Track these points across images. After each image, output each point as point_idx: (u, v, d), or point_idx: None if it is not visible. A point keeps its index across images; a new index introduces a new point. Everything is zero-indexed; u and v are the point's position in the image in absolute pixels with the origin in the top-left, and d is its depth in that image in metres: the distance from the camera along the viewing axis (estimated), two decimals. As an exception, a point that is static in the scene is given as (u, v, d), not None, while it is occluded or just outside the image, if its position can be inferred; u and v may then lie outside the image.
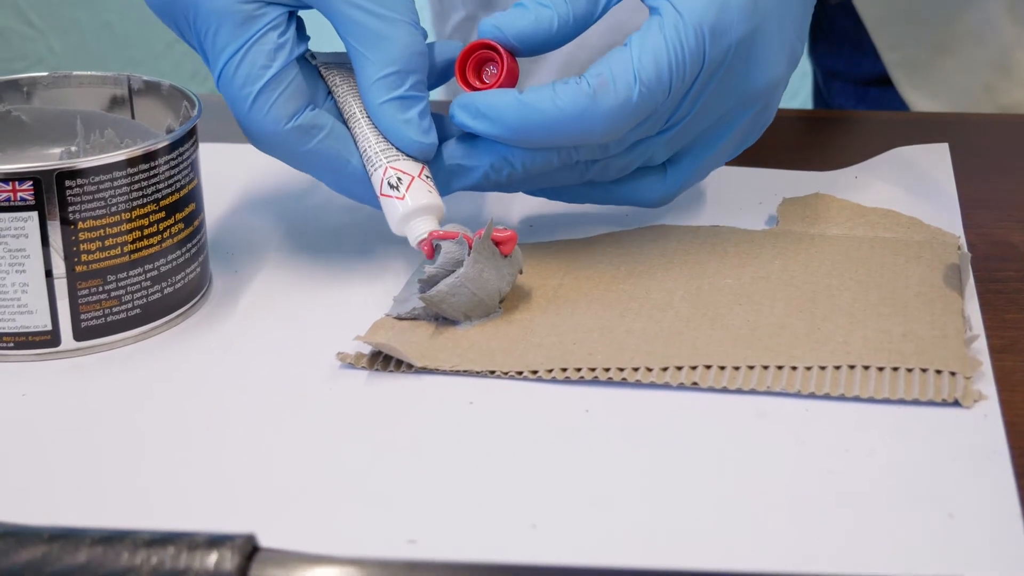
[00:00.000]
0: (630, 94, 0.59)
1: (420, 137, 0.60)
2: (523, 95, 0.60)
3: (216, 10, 0.59)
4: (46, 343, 0.58)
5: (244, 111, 0.60)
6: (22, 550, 0.40)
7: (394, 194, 0.60)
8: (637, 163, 0.64)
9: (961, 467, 0.50)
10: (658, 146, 0.63)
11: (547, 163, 0.62)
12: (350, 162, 0.61)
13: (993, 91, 0.95)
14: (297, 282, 0.65)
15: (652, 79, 0.59)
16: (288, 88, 0.60)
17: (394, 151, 0.61)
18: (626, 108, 0.59)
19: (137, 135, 0.65)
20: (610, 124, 0.60)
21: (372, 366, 0.57)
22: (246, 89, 0.60)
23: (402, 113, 0.60)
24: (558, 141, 0.61)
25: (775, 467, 0.50)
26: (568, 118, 0.59)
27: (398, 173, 0.60)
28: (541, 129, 0.60)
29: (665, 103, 0.60)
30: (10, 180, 0.54)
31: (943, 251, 0.65)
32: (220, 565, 0.40)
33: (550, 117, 0.59)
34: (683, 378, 0.55)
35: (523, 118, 0.60)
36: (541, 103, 0.60)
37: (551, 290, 0.62)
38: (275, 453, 0.52)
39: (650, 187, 0.65)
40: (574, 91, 0.59)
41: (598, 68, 0.60)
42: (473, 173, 0.62)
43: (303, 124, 0.60)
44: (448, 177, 0.63)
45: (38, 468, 0.52)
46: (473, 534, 0.47)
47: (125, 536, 0.41)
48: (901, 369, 0.55)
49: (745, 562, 0.45)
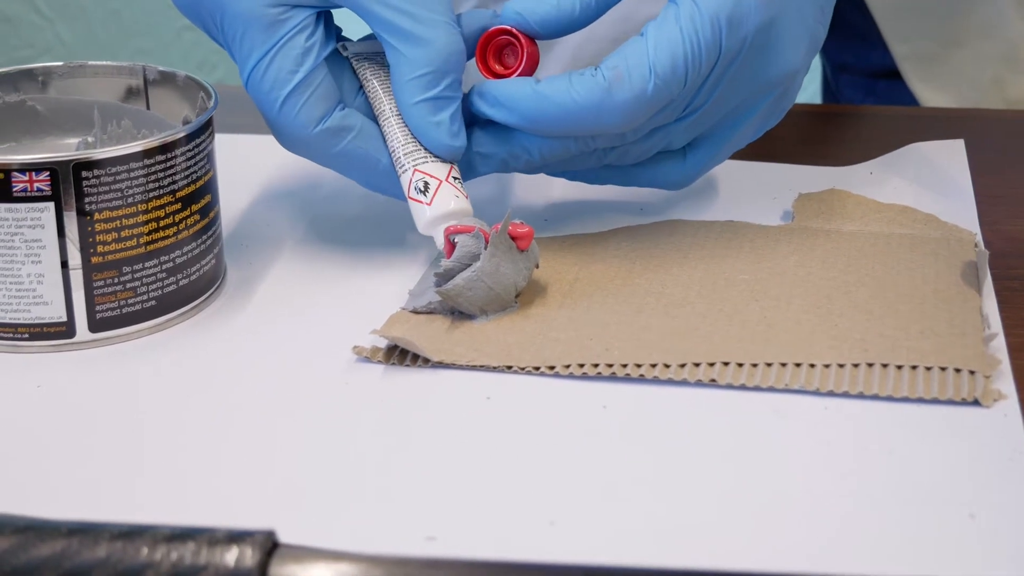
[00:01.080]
0: (645, 87, 0.59)
1: (450, 140, 0.60)
2: (539, 85, 0.60)
3: (242, 14, 0.59)
4: (61, 334, 0.58)
5: (273, 114, 0.60)
6: (41, 544, 0.40)
7: (422, 199, 0.60)
8: (656, 148, 0.64)
9: (981, 467, 0.49)
10: (676, 133, 0.63)
11: (565, 150, 0.62)
12: (380, 161, 0.61)
13: (1001, 84, 0.95)
14: (312, 274, 0.65)
15: (667, 71, 0.59)
16: (316, 91, 0.60)
17: (423, 153, 0.60)
18: (641, 101, 0.59)
19: (153, 126, 0.64)
20: (625, 116, 0.60)
21: (388, 360, 0.57)
22: (274, 94, 0.60)
23: (434, 115, 0.60)
24: (574, 131, 0.61)
25: (793, 465, 0.50)
26: (583, 110, 0.59)
27: (426, 177, 0.60)
28: (557, 119, 0.60)
29: (681, 94, 0.60)
30: (27, 171, 0.54)
31: (960, 248, 0.64)
32: (240, 561, 0.40)
33: (566, 108, 0.60)
34: (700, 375, 0.55)
35: (539, 109, 0.60)
36: (557, 94, 0.60)
37: (567, 285, 0.62)
38: (291, 447, 0.52)
39: (670, 171, 0.66)
40: (589, 83, 0.59)
41: (613, 60, 0.60)
42: (492, 160, 0.63)
43: (332, 127, 0.60)
44: (470, 163, 0.63)
45: (53, 461, 0.52)
46: (491, 531, 0.47)
47: (145, 531, 0.41)
48: (920, 368, 0.55)
49: (763, 561, 0.45)
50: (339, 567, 0.41)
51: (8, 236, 0.55)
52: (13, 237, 0.55)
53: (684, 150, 0.65)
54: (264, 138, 0.73)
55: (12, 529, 0.41)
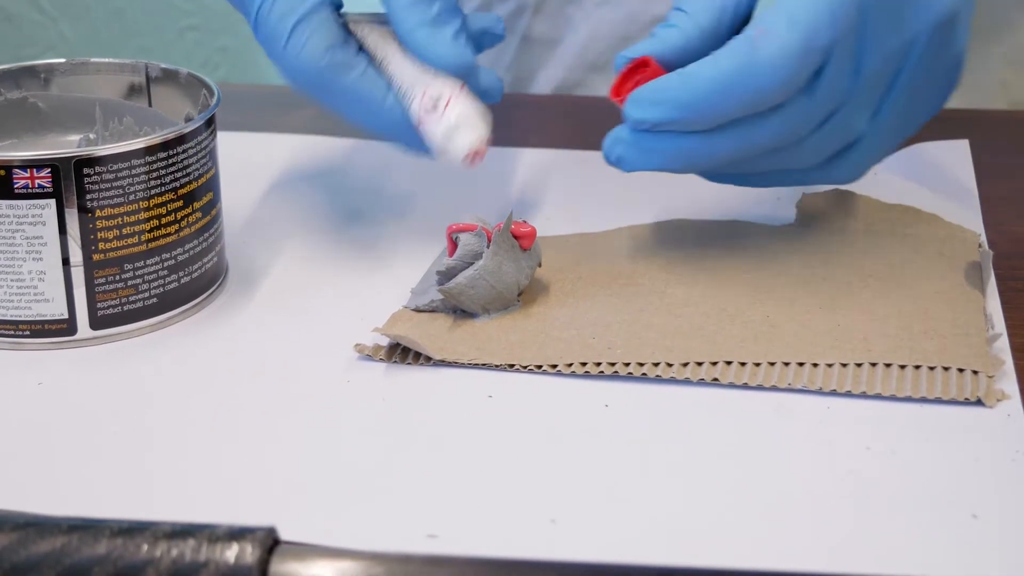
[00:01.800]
0: (791, 37, 0.56)
1: (454, 52, 0.60)
2: (685, 69, 0.58)
3: None
4: (62, 331, 0.58)
5: (281, 46, 0.60)
6: (41, 541, 0.40)
7: (433, 115, 0.59)
8: (833, 144, 0.61)
9: (984, 467, 0.49)
10: (852, 113, 0.60)
11: (734, 149, 0.59)
12: (386, 99, 0.61)
13: (1008, 86, 0.95)
14: (314, 272, 0.65)
15: (810, 17, 0.56)
16: (324, 23, 0.60)
17: (431, 75, 0.60)
18: (789, 52, 0.56)
19: (155, 123, 0.64)
20: (776, 72, 0.56)
21: (390, 358, 0.57)
22: (283, 23, 0.60)
23: (435, 34, 0.60)
24: (730, 108, 0.57)
25: (795, 465, 0.50)
26: (732, 76, 0.57)
27: (436, 94, 0.59)
28: (710, 96, 0.57)
29: (837, 53, 0.57)
30: (28, 167, 0.54)
31: (964, 248, 0.64)
32: (240, 558, 0.40)
33: (713, 80, 0.57)
34: (703, 374, 0.55)
35: (690, 89, 0.57)
36: (701, 70, 0.57)
37: (569, 284, 0.62)
38: (292, 445, 0.52)
39: (841, 161, 0.62)
40: (733, 47, 0.57)
41: (756, 21, 0.57)
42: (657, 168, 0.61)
43: (340, 60, 0.60)
44: None
45: (54, 458, 0.52)
46: (492, 529, 0.47)
47: (145, 528, 0.40)
48: (923, 367, 0.55)
49: (764, 560, 0.45)
50: (340, 564, 0.41)
51: (9, 233, 0.55)
52: (14, 234, 0.55)
53: None
54: (266, 136, 0.73)
55: (12, 526, 0.41)
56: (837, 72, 0.58)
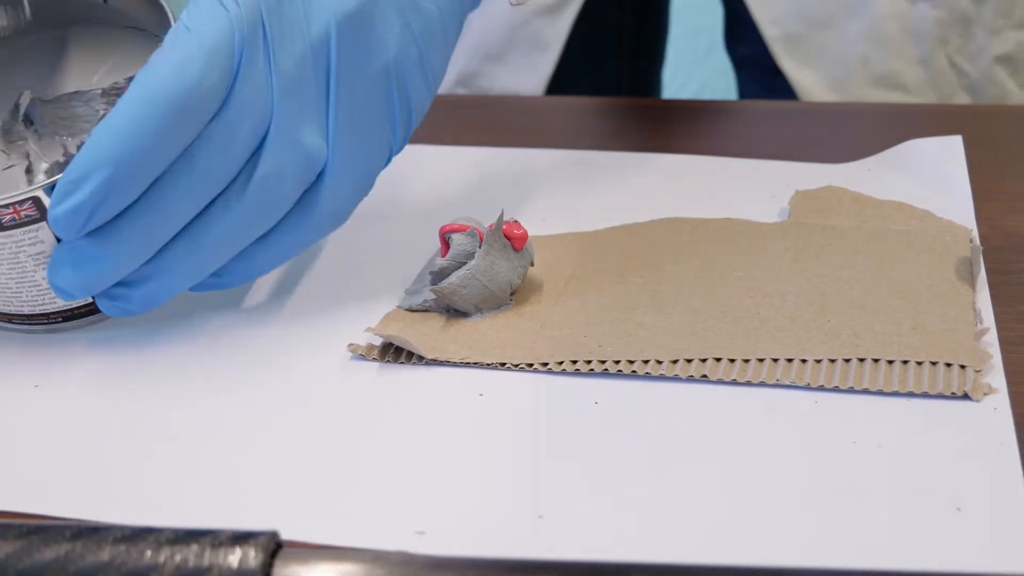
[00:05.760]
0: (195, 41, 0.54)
1: None
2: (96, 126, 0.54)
3: None
4: (91, 312, 0.60)
5: None
6: (46, 548, 0.40)
7: None
8: (292, 179, 0.58)
9: (970, 461, 0.50)
10: (290, 126, 0.57)
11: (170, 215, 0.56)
12: None
13: (868, 62, 0.98)
14: (307, 273, 0.65)
15: None
16: None
17: None
18: (194, 54, 0.54)
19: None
20: (184, 73, 0.54)
21: (383, 358, 0.57)
22: None
23: None
24: (154, 130, 0.54)
25: (784, 460, 0.50)
26: (146, 102, 0.54)
27: None
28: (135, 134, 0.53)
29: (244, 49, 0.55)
30: (11, 205, 0.55)
31: (955, 244, 0.64)
32: (244, 563, 0.40)
33: (131, 113, 0.53)
34: (692, 371, 0.55)
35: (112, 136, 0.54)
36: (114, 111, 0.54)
37: (562, 283, 0.62)
38: (284, 445, 0.53)
39: (315, 206, 0.60)
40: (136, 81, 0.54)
41: None
42: None
43: None
44: None
45: (51, 464, 0.52)
46: (481, 526, 0.47)
47: (148, 534, 0.41)
48: (911, 362, 0.55)
49: (752, 555, 0.45)
50: (343, 567, 0.41)
51: (13, 255, 0.57)
52: (17, 255, 0.57)
53: None
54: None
55: (16, 533, 0.41)
56: (249, 73, 0.55)
